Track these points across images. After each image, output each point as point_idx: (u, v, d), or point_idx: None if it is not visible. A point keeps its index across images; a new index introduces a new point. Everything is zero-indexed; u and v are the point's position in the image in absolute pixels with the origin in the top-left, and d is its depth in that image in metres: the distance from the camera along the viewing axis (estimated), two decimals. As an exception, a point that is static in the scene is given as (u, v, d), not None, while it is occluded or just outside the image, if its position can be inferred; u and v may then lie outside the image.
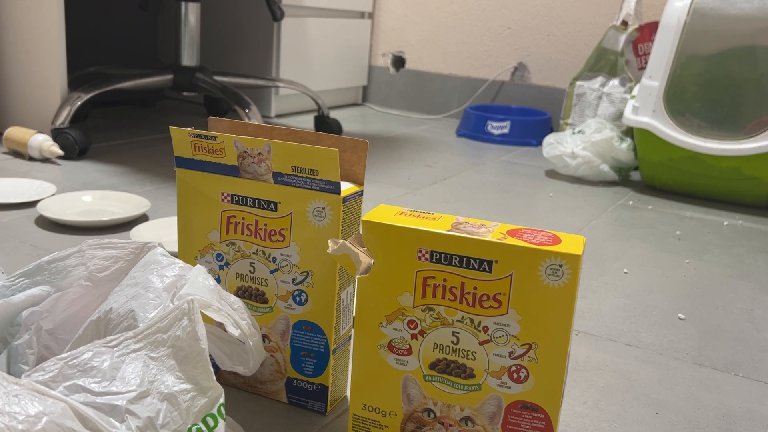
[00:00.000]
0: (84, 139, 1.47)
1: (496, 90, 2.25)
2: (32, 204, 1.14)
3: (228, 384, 0.66)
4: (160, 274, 0.51)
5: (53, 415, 0.36)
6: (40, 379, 0.40)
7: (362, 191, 0.60)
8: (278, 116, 2.17)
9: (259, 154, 0.58)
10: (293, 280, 0.60)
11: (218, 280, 0.63)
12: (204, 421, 0.44)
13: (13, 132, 1.45)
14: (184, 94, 1.98)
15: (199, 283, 0.50)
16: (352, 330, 0.65)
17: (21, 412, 0.36)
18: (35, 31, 1.53)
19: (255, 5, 2.06)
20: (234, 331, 0.51)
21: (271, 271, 0.60)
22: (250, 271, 0.61)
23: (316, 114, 1.87)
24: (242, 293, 0.62)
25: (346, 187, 0.59)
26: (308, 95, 1.89)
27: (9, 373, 0.51)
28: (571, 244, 0.48)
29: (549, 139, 1.63)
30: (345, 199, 0.58)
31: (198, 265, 0.53)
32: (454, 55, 2.32)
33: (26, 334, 0.53)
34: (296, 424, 0.62)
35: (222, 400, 0.46)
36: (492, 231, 0.50)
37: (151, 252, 0.54)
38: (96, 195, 1.18)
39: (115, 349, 0.43)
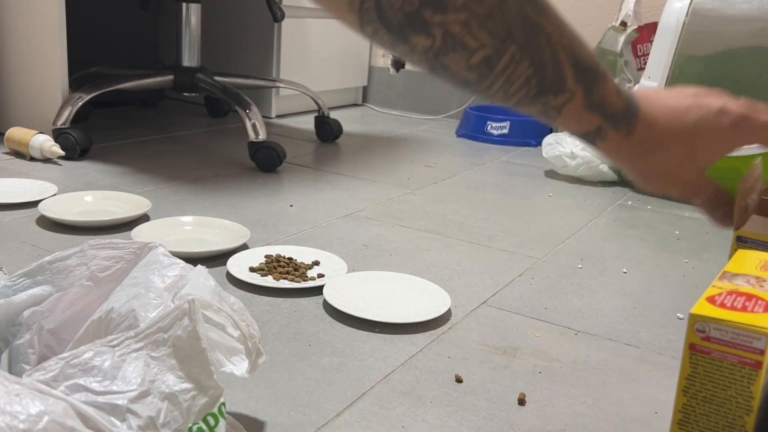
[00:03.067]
0: (85, 139, 1.47)
1: (496, 90, 2.25)
2: (33, 204, 1.15)
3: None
4: (161, 273, 0.52)
5: (54, 414, 0.37)
6: (41, 379, 0.40)
7: None
8: (278, 117, 2.17)
9: None
10: None
11: None
12: (205, 420, 0.45)
13: (15, 132, 1.45)
14: (185, 94, 1.98)
15: (200, 283, 0.50)
16: None
17: (22, 411, 0.36)
18: (36, 31, 1.54)
19: (255, 6, 2.06)
20: (234, 332, 0.52)
21: None
22: None
23: (316, 114, 1.88)
24: None
25: None
26: (308, 96, 1.89)
27: (10, 372, 0.52)
28: None
29: (548, 140, 1.63)
30: None
31: (199, 266, 0.53)
32: (454, 56, 2.32)
33: (27, 333, 0.53)
34: (296, 423, 0.62)
35: (222, 400, 0.46)
36: None
37: (153, 252, 0.55)
38: (97, 195, 1.18)
39: (116, 348, 0.43)
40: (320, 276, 0.93)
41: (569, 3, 2.10)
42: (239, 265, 0.94)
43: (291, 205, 1.25)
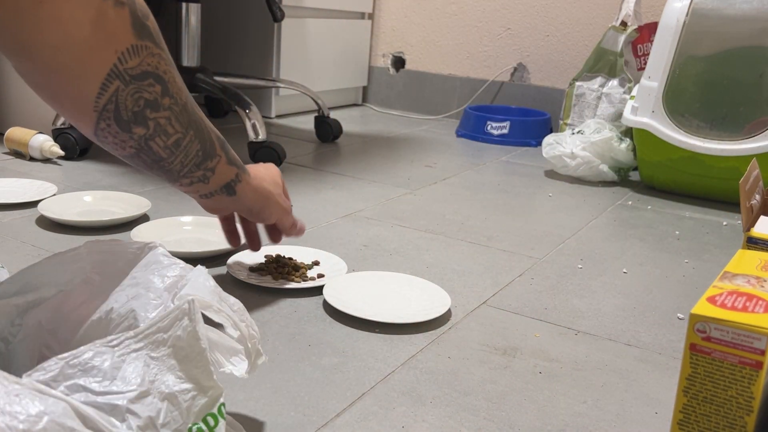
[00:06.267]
0: (85, 139, 1.47)
1: (496, 90, 2.25)
2: (33, 204, 1.15)
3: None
4: (161, 274, 0.52)
5: (54, 414, 0.37)
6: (40, 379, 0.40)
7: None
8: (278, 117, 2.17)
9: None
10: None
11: None
12: (204, 421, 0.45)
13: (14, 132, 1.45)
14: (185, 94, 1.99)
15: (200, 283, 0.50)
16: None
17: (22, 411, 0.36)
18: (36, 31, 1.53)
19: (255, 6, 2.06)
20: (233, 333, 0.52)
21: None
22: None
23: (316, 114, 1.88)
24: None
25: None
26: (308, 96, 1.89)
27: (10, 372, 0.52)
28: None
29: (548, 140, 1.63)
30: None
31: (198, 266, 0.53)
32: (454, 56, 2.32)
33: (27, 333, 0.53)
34: (296, 423, 0.62)
35: (222, 400, 0.46)
36: None
37: (152, 252, 0.55)
38: (97, 195, 1.18)
39: (116, 348, 0.43)
40: (320, 276, 0.93)
41: (570, 3, 2.10)
42: (239, 265, 0.94)
43: (291, 205, 1.25)
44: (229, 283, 0.91)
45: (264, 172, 0.86)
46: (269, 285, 0.89)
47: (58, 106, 0.59)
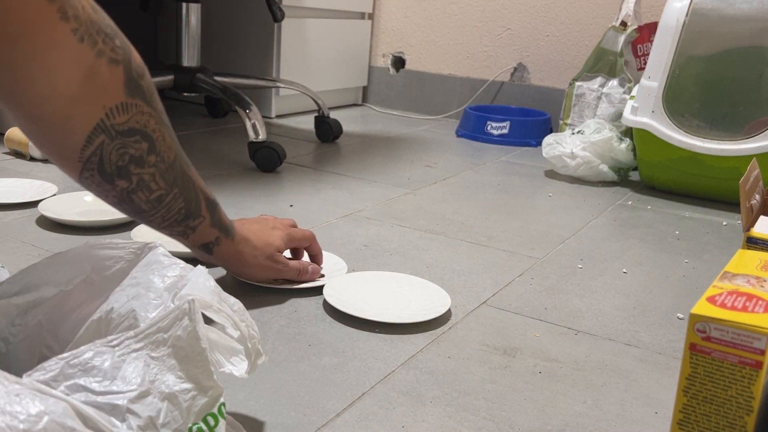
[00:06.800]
0: (84, 139, 1.47)
1: (496, 90, 2.25)
2: (33, 204, 1.15)
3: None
4: (161, 274, 0.52)
5: (54, 414, 0.37)
6: (41, 379, 0.40)
7: None
8: (278, 117, 2.17)
9: None
10: None
11: None
12: (205, 420, 0.45)
13: (15, 132, 1.45)
14: (185, 94, 1.99)
15: (200, 283, 0.50)
16: None
17: (22, 411, 0.36)
18: (36, 31, 1.53)
19: (255, 6, 2.06)
20: (233, 333, 0.52)
21: None
22: None
23: (316, 114, 1.88)
24: None
25: None
26: (308, 96, 1.89)
27: (10, 372, 0.52)
28: None
29: (548, 140, 1.63)
30: None
31: (199, 266, 0.53)
32: (454, 56, 2.32)
33: (27, 333, 0.53)
34: (296, 423, 0.62)
35: (222, 400, 0.46)
36: None
37: (153, 252, 0.55)
38: (96, 195, 1.18)
39: (116, 348, 0.43)
40: (320, 276, 0.93)
41: (569, 3, 2.10)
42: (239, 265, 0.94)
43: (291, 205, 1.25)
44: (229, 283, 0.91)
45: (259, 236, 0.85)
46: (269, 285, 0.89)
47: (46, 152, 0.61)
